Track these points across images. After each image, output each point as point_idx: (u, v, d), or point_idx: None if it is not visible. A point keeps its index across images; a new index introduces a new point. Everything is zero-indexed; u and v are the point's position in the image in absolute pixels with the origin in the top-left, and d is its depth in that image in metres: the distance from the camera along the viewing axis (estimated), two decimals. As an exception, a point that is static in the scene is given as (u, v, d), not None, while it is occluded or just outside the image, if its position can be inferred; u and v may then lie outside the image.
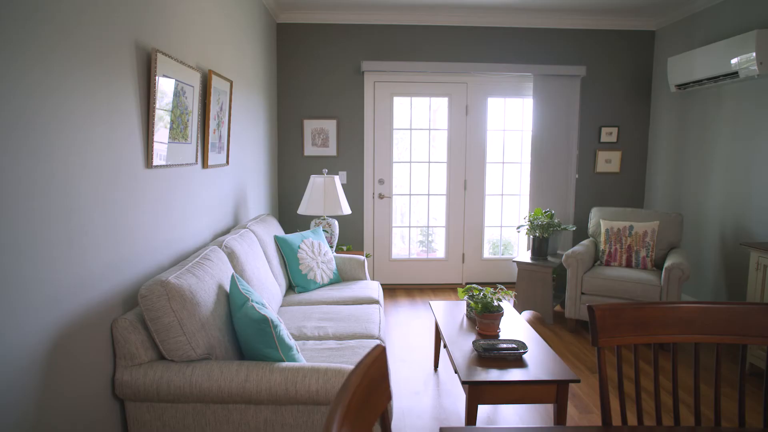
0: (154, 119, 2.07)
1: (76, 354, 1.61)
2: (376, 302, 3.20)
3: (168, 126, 2.22)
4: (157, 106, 2.09)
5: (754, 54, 3.42)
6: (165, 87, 2.16)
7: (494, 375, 2.13)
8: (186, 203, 2.53)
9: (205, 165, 2.78)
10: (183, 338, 1.79)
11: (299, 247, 3.42)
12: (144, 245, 2.07)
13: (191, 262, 2.07)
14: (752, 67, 3.46)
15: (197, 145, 2.62)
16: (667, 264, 3.52)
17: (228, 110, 3.10)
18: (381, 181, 5.04)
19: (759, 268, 3.02)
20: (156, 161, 2.13)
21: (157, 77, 2.06)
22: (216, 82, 2.82)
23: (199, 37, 2.69)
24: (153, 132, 2.07)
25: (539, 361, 2.27)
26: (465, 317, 2.86)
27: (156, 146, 2.11)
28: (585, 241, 4.15)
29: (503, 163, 5.18)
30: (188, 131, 2.46)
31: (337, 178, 3.99)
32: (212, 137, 2.85)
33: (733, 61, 3.61)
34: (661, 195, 4.90)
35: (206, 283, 1.98)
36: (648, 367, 3.20)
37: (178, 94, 2.30)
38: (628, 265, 3.93)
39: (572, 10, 4.61)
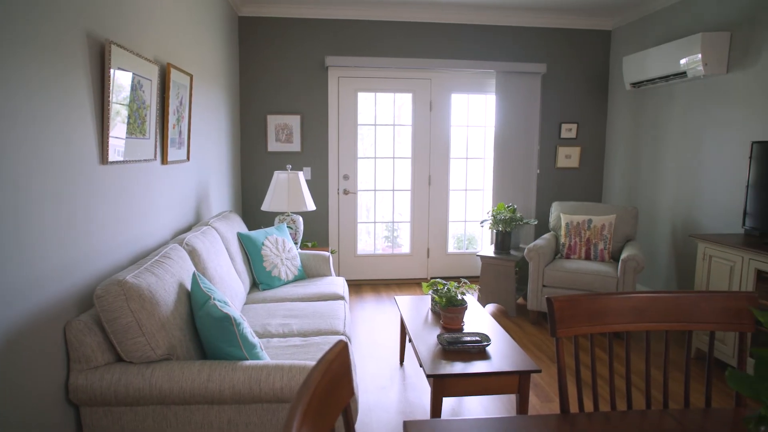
0: (109, 114, 1.99)
1: (25, 359, 1.54)
2: (342, 298, 3.20)
3: (125, 121, 2.15)
4: (113, 99, 2.02)
5: (699, 55, 3.59)
6: (121, 80, 2.09)
7: (458, 368, 2.17)
8: (145, 200, 2.46)
9: (164, 161, 2.70)
10: (142, 339, 1.74)
11: (263, 243, 3.38)
12: (100, 244, 2.00)
13: (150, 260, 2.02)
14: (698, 68, 3.63)
15: (156, 141, 2.55)
16: (623, 256, 3.66)
17: (188, 105, 3.03)
18: (346, 177, 5.03)
19: (705, 258, 3.19)
20: (112, 157, 2.06)
21: (111, 70, 1.98)
22: (175, 76, 2.74)
23: (157, 29, 2.61)
24: (108, 127, 2.00)
25: (502, 353, 2.32)
26: (430, 311, 2.90)
27: (112, 141, 2.04)
28: (546, 235, 4.27)
29: (467, 158, 5.26)
30: (146, 126, 2.39)
31: (301, 174, 3.95)
32: (172, 132, 2.78)
33: (682, 61, 3.78)
34: (617, 189, 5.09)
35: (166, 281, 1.94)
36: (603, 355, 3.33)
37: (135, 87, 2.22)
38: (587, 257, 4.07)
39: (533, 8, 4.71)
